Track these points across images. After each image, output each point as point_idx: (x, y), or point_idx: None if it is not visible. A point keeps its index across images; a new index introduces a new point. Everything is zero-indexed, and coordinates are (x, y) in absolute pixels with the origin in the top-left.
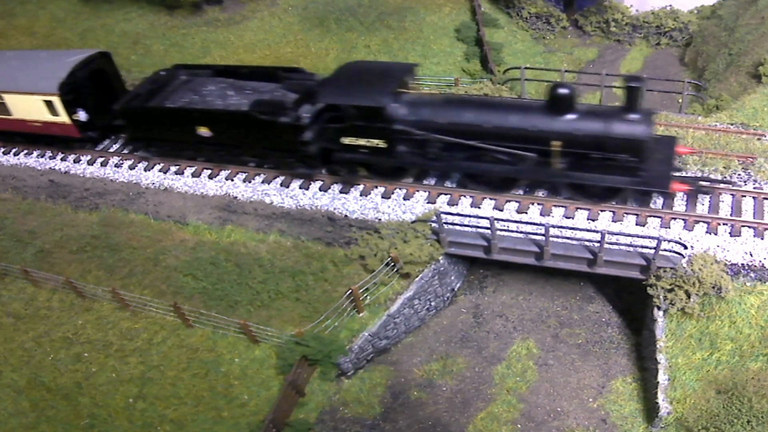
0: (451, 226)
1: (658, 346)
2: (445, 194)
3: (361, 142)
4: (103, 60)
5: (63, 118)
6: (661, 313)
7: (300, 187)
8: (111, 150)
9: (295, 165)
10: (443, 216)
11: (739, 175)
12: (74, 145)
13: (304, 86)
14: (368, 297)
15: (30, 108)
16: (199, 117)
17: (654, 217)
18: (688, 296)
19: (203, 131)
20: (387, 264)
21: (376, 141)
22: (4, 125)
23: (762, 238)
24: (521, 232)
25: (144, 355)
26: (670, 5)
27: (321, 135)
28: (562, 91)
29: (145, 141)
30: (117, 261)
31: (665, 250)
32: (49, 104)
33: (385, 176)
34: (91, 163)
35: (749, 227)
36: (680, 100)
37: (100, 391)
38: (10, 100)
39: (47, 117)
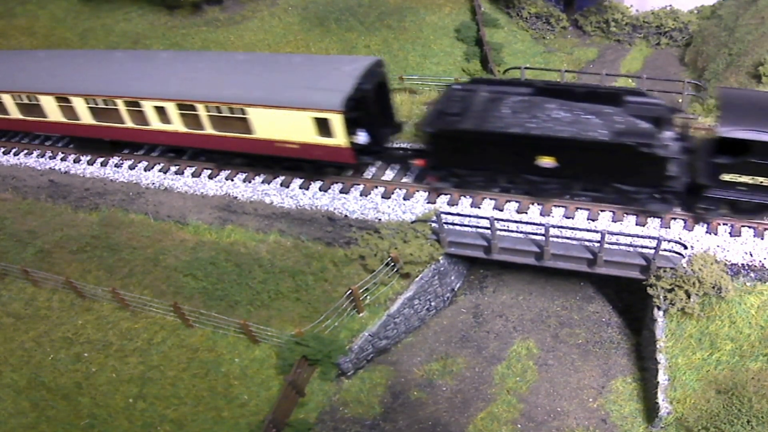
0: (451, 226)
1: (658, 346)
2: (445, 194)
3: (745, 179)
4: (382, 70)
5: (339, 140)
6: (661, 313)
7: (300, 187)
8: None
9: (647, 201)
10: (443, 216)
11: None
12: (326, 171)
13: (653, 112)
14: (368, 297)
15: (288, 126)
16: (549, 145)
17: (654, 217)
18: (688, 296)
19: (546, 161)
20: (387, 264)
21: (761, 179)
22: (237, 145)
23: (762, 238)
24: (521, 232)
25: (144, 355)
26: (670, 5)
27: (687, 169)
28: None
29: (448, 170)
30: (117, 261)
31: (665, 250)
32: (322, 123)
33: (752, 214)
34: (91, 163)
35: (749, 227)
36: (680, 100)
37: (100, 391)
38: (256, 116)
39: (312, 138)
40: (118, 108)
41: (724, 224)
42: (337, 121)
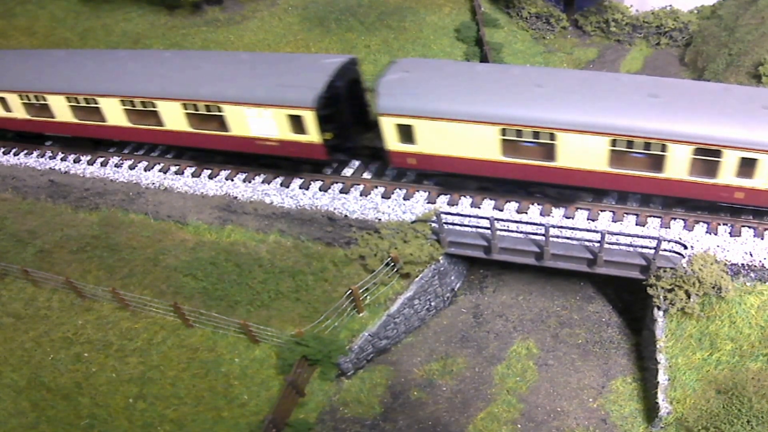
0: (451, 226)
1: (658, 346)
2: (445, 194)
3: None
4: None
5: None
6: (661, 313)
7: (300, 187)
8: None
9: None
10: (443, 216)
11: None
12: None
13: None
14: (368, 297)
15: None
16: None
17: (654, 217)
18: (688, 296)
19: None
20: (387, 264)
21: None
22: None
23: (762, 238)
24: (521, 232)
25: (144, 355)
26: (670, 5)
27: None
28: None
29: None
30: (117, 261)
31: (665, 250)
32: None
33: None
34: (91, 163)
35: (749, 227)
36: None
37: (100, 391)
38: None
39: None
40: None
41: (724, 224)
42: None
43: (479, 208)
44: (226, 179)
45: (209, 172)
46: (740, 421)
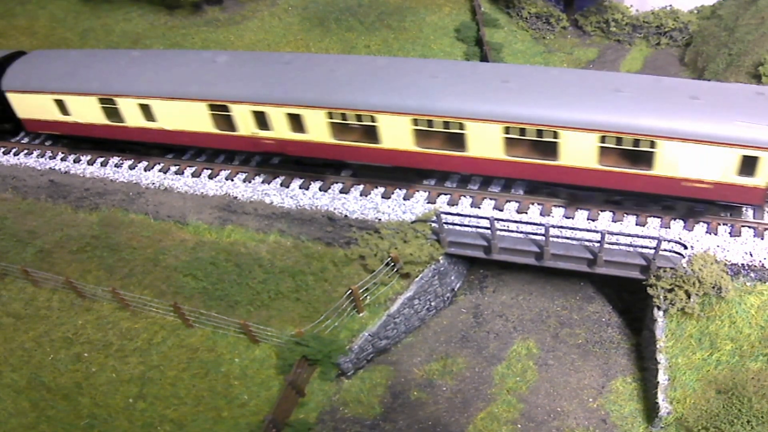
0: (451, 226)
1: (658, 346)
2: (445, 194)
3: None
4: None
5: None
6: (661, 313)
7: (300, 187)
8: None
9: None
10: (443, 216)
11: None
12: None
13: None
14: (368, 297)
15: None
16: None
17: (654, 217)
18: (688, 296)
19: None
20: (387, 264)
21: None
22: None
23: (762, 238)
24: (521, 232)
25: (144, 355)
26: (670, 5)
27: None
28: None
29: None
30: (117, 261)
31: (665, 250)
32: None
33: None
34: (91, 163)
35: (749, 227)
36: None
37: (100, 391)
38: None
39: None
40: None
41: (724, 224)
42: None
43: (479, 208)
44: (226, 179)
45: (209, 172)
46: (740, 421)
